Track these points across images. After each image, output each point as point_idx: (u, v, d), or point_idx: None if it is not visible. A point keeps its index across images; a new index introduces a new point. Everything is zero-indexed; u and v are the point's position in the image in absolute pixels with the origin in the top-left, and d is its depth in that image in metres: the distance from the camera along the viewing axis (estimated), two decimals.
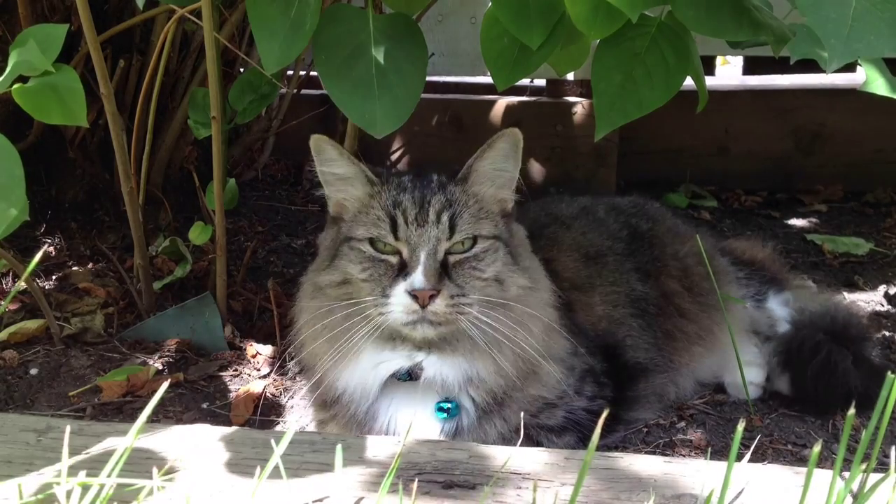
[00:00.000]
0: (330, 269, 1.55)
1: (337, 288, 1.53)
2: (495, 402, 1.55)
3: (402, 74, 1.51)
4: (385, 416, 1.56)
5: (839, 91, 3.26)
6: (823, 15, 1.22)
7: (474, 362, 1.51)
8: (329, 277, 1.54)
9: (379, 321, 1.46)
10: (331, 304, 1.52)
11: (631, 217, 2.06)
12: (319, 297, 1.55)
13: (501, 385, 1.54)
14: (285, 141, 3.09)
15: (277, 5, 1.45)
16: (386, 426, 1.56)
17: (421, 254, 1.46)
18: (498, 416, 1.56)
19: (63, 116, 1.56)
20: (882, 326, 2.25)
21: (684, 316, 1.92)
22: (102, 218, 2.47)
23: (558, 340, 1.62)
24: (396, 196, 1.52)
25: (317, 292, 1.56)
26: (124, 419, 1.75)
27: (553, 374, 1.59)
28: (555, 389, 1.61)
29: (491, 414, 1.56)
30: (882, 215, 3.14)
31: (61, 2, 2.17)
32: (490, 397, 1.54)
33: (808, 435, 1.76)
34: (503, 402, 1.56)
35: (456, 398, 1.55)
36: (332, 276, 1.54)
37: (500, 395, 1.54)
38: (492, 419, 1.56)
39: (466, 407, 1.56)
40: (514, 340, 1.49)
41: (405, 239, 1.48)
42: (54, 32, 1.57)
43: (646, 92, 1.50)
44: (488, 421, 1.56)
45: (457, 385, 1.52)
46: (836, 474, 1.03)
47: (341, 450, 1.19)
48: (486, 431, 1.56)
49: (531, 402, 1.59)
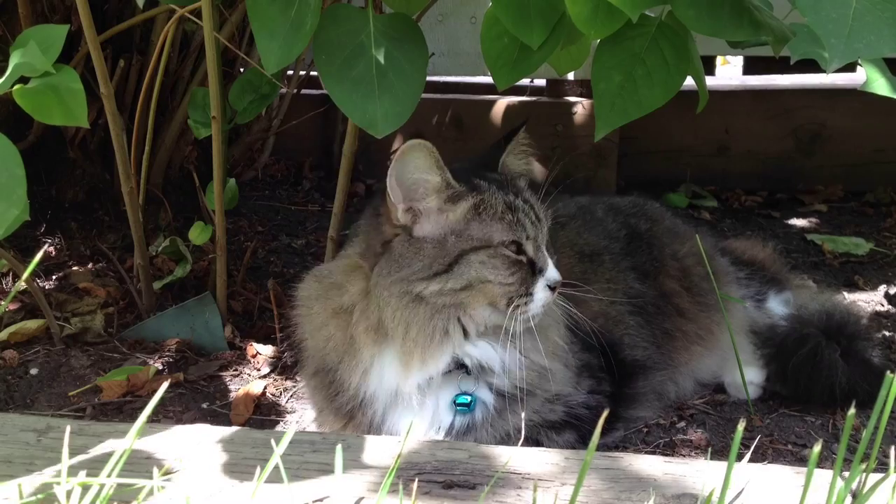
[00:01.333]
0: (449, 277, 1.51)
1: (450, 295, 1.52)
2: (521, 393, 1.57)
3: (402, 74, 1.51)
4: (400, 421, 1.56)
5: (839, 91, 3.26)
6: (824, 15, 1.22)
7: (529, 351, 1.58)
8: (448, 286, 1.51)
9: (516, 317, 1.52)
10: (436, 311, 1.52)
11: (630, 217, 2.06)
12: (420, 304, 1.52)
13: (534, 376, 1.58)
14: (285, 141, 3.09)
15: (278, 5, 1.45)
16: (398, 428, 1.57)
17: (547, 251, 1.57)
18: (513, 410, 1.57)
19: (63, 117, 1.56)
20: (882, 326, 2.25)
21: (683, 315, 1.92)
22: (102, 218, 2.47)
23: (557, 336, 1.64)
24: (510, 200, 1.56)
25: (416, 301, 1.52)
26: (124, 419, 1.75)
27: (560, 370, 1.62)
28: (562, 384, 1.63)
29: (506, 409, 1.57)
30: (882, 215, 3.13)
31: (61, 2, 2.17)
32: (516, 389, 1.57)
33: (808, 435, 1.76)
34: (525, 395, 1.57)
35: (474, 392, 1.56)
36: (453, 284, 1.51)
37: (528, 387, 1.58)
38: (506, 414, 1.57)
39: (485, 401, 1.57)
40: (550, 332, 1.62)
41: (534, 238, 1.55)
42: (54, 33, 1.57)
43: (646, 92, 1.50)
44: (504, 416, 1.57)
45: (501, 372, 1.56)
46: (836, 474, 1.03)
47: (341, 450, 1.19)
48: (502, 425, 1.57)
49: (545, 395, 1.61)
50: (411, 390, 1.54)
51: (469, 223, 1.53)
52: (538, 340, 1.55)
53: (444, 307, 1.52)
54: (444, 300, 1.51)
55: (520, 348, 1.54)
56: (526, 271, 1.53)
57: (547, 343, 1.59)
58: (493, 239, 1.52)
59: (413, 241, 1.53)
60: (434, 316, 1.52)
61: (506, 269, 1.52)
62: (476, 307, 1.53)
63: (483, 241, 1.52)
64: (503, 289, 1.52)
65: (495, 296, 1.52)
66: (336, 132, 3.14)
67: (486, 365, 1.55)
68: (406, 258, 1.52)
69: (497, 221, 1.53)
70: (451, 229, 1.52)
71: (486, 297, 1.52)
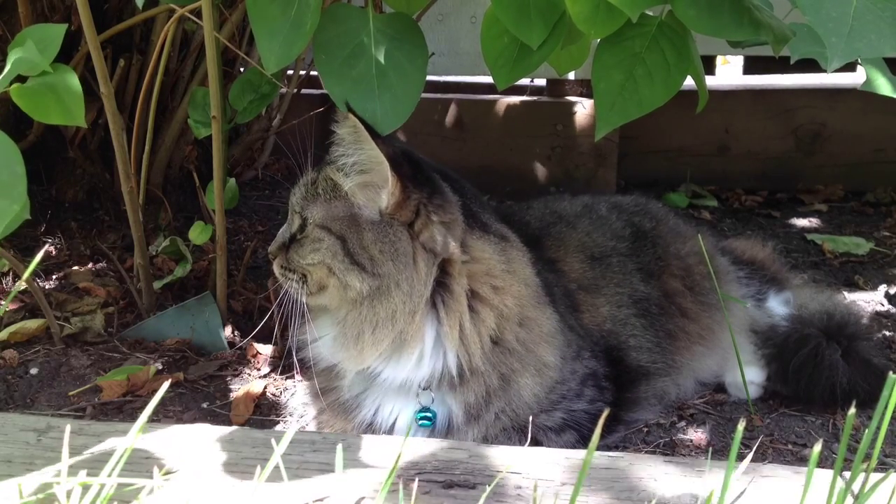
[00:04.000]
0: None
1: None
2: (470, 411, 1.57)
3: (402, 74, 1.51)
4: (371, 406, 1.60)
5: (840, 91, 3.26)
6: (824, 14, 1.22)
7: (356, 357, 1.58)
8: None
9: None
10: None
11: (634, 216, 2.06)
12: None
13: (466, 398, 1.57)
14: (285, 140, 3.08)
15: (278, 5, 1.45)
16: (372, 416, 1.60)
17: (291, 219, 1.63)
18: (477, 423, 1.58)
19: (61, 117, 1.55)
20: (882, 326, 2.25)
21: (686, 315, 1.92)
22: (102, 217, 2.47)
23: (541, 352, 1.61)
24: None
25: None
26: (124, 419, 1.75)
27: (529, 388, 1.59)
28: (529, 405, 1.60)
29: (462, 427, 1.58)
30: (882, 215, 3.14)
31: (61, 1, 2.17)
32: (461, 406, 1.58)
33: (808, 434, 1.76)
34: (471, 416, 1.57)
35: (430, 406, 1.58)
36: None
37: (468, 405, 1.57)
38: (471, 426, 1.58)
39: (454, 410, 1.57)
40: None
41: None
42: (53, 32, 1.57)
43: (646, 91, 1.50)
44: (462, 432, 1.58)
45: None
46: (836, 474, 1.03)
47: (342, 449, 1.19)
48: (467, 436, 1.57)
49: (506, 413, 1.59)
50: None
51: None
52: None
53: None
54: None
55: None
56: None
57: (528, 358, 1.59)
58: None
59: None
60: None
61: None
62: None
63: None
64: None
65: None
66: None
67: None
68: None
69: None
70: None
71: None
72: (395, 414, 1.59)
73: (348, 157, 1.51)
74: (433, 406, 1.57)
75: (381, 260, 1.50)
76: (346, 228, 1.52)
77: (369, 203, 1.52)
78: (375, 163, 1.48)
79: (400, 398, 1.58)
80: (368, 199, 1.52)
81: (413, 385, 1.56)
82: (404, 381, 1.55)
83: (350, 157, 1.51)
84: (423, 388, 1.56)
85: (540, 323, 1.61)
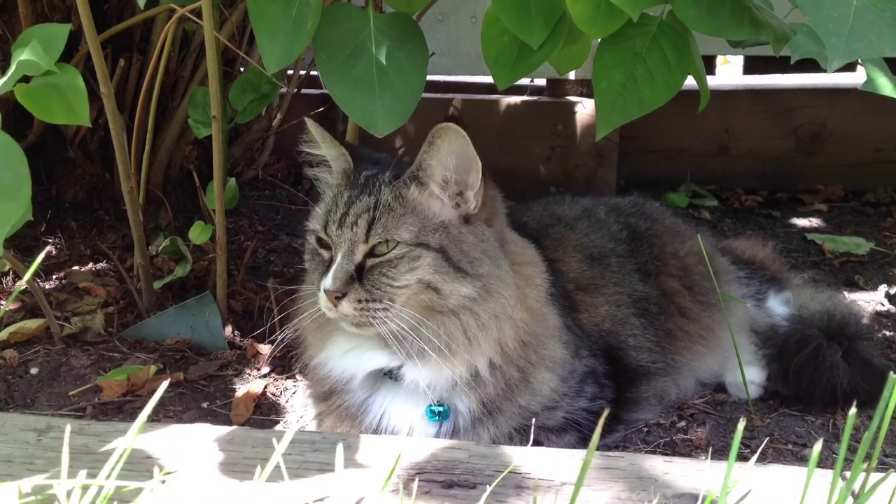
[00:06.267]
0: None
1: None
2: (484, 408, 1.55)
3: (402, 73, 1.51)
4: (378, 411, 1.57)
5: (840, 91, 3.26)
6: (824, 14, 1.22)
7: (441, 369, 1.49)
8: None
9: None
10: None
11: (629, 217, 2.06)
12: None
13: (488, 393, 1.54)
14: (286, 140, 3.08)
15: (278, 4, 1.45)
16: (378, 420, 1.57)
17: (338, 255, 1.49)
18: (490, 422, 1.56)
19: (66, 116, 1.56)
20: (882, 326, 2.25)
21: (685, 315, 1.92)
22: (103, 217, 2.47)
23: (551, 347, 1.61)
24: (335, 193, 1.58)
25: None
26: (124, 418, 1.75)
27: (547, 383, 1.59)
28: (547, 398, 1.60)
29: (483, 420, 1.56)
30: (882, 215, 3.14)
31: (61, 1, 2.17)
32: (477, 403, 1.55)
33: (808, 434, 1.76)
34: (492, 411, 1.56)
35: (447, 402, 1.55)
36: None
37: (484, 403, 1.55)
38: (485, 425, 1.56)
39: (461, 410, 1.56)
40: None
41: (333, 235, 1.52)
42: (57, 32, 1.57)
43: (647, 91, 1.50)
44: (482, 426, 1.56)
45: (437, 389, 1.52)
46: (836, 474, 1.03)
47: (342, 449, 1.19)
48: (479, 436, 1.56)
49: (521, 411, 1.59)
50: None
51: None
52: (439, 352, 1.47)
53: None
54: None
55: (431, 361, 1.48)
56: (320, 264, 1.55)
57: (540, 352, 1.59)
58: (307, 224, 1.60)
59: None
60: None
61: (308, 255, 1.60)
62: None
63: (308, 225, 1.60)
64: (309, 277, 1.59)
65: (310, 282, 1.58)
66: (336, 132, 3.13)
67: (414, 380, 1.52)
68: None
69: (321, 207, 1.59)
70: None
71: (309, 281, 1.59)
72: (406, 417, 1.57)
73: (443, 166, 1.49)
74: (452, 401, 1.56)
75: (481, 261, 1.51)
76: (444, 239, 1.49)
77: (453, 208, 1.52)
78: (473, 164, 1.48)
79: (411, 400, 1.57)
80: (454, 203, 1.52)
81: (434, 386, 1.53)
82: (429, 382, 1.52)
83: (447, 167, 1.49)
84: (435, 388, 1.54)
85: (547, 317, 1.62)
